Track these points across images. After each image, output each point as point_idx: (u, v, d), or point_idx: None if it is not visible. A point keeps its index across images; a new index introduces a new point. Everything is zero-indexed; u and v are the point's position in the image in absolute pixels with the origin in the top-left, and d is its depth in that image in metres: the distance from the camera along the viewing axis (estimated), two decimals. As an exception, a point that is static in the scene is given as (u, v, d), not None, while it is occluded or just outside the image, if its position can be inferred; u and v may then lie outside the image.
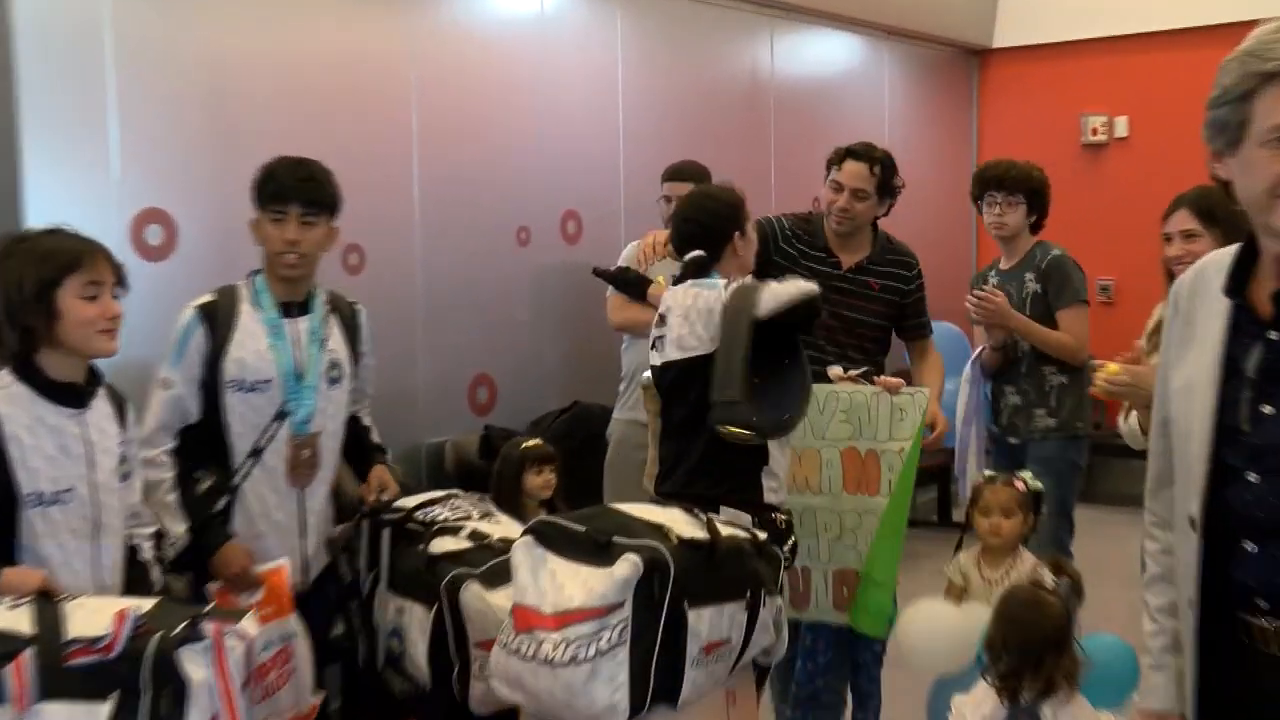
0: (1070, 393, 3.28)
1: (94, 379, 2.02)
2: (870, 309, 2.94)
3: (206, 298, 2.38)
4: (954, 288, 3.82)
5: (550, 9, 3.94)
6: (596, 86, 4.13)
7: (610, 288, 3.31)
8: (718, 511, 2.18)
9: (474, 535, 2.31)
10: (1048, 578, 2.18)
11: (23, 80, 2.64)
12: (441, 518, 2.40)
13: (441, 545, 2.30)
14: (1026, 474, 2.65)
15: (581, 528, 1.94)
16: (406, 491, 2.55)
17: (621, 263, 3.48)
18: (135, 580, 2.04)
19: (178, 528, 2.30)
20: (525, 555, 1.94)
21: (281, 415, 2.35)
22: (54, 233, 1.98)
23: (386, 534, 2.42)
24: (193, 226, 2.92)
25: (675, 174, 3.54)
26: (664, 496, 2.30)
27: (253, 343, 2.34)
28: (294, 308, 2.40)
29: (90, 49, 2.76)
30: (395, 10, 3.46)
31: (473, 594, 2.19)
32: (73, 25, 2.73)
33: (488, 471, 2.97)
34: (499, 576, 2.17)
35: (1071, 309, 3.28)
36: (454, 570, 2.22)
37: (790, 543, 2.34)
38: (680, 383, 2.32)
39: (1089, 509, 3.80)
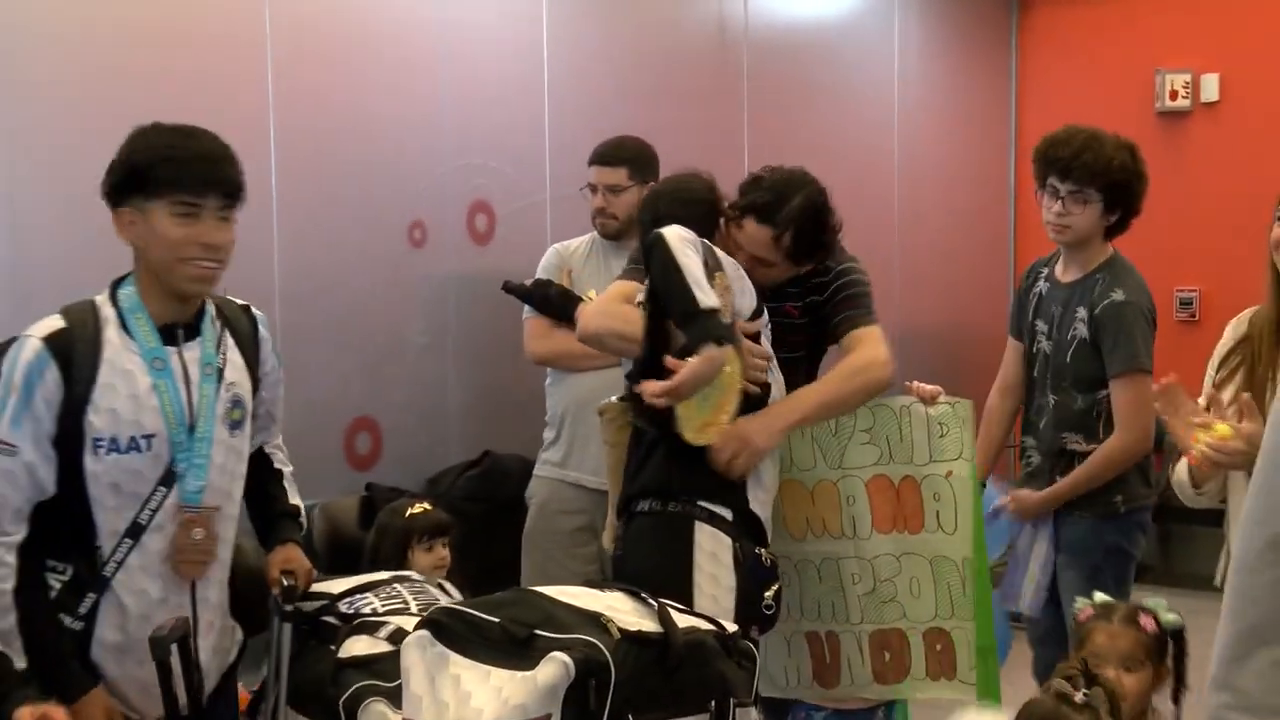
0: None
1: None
2: (794, 340, 2.97)
3: (53, 324, 2.31)
4: (987, 297, 3.96)
5: None
6: (515, 42, 4.22)
7: (526, 307, 3.38)
8: (696, 510, 2.49)
9: (395, 636, 2.37)
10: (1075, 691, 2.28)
11: None
12: (368, 610, 2.50)
13: (352, 648, 2.39)
14: (1157, 604, 2.56)
15: (494, 619, 2.04)
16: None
17: (541, 273, 3.60)
18: None
19: (17, 663, 2.23)
20: (419, 655, 2.02)
21: (168, 481, 2.34)
22: None
23: (288, 631, 2.49)
24: None
25: (604, 158, 3.67)
26: (628, 500, 2.57)
27: (126, 385, 2.32)
28: (179, 331, 2.37)
29: None
30: None
31: (374, 715, 2.27)
32: None
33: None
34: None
35: (1124, 379, 3.25)
36: (359, 683, 2.31)
37: (774, 589, 2.53)
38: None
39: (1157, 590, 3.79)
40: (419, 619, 2.34)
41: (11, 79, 3.09)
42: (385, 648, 2.40)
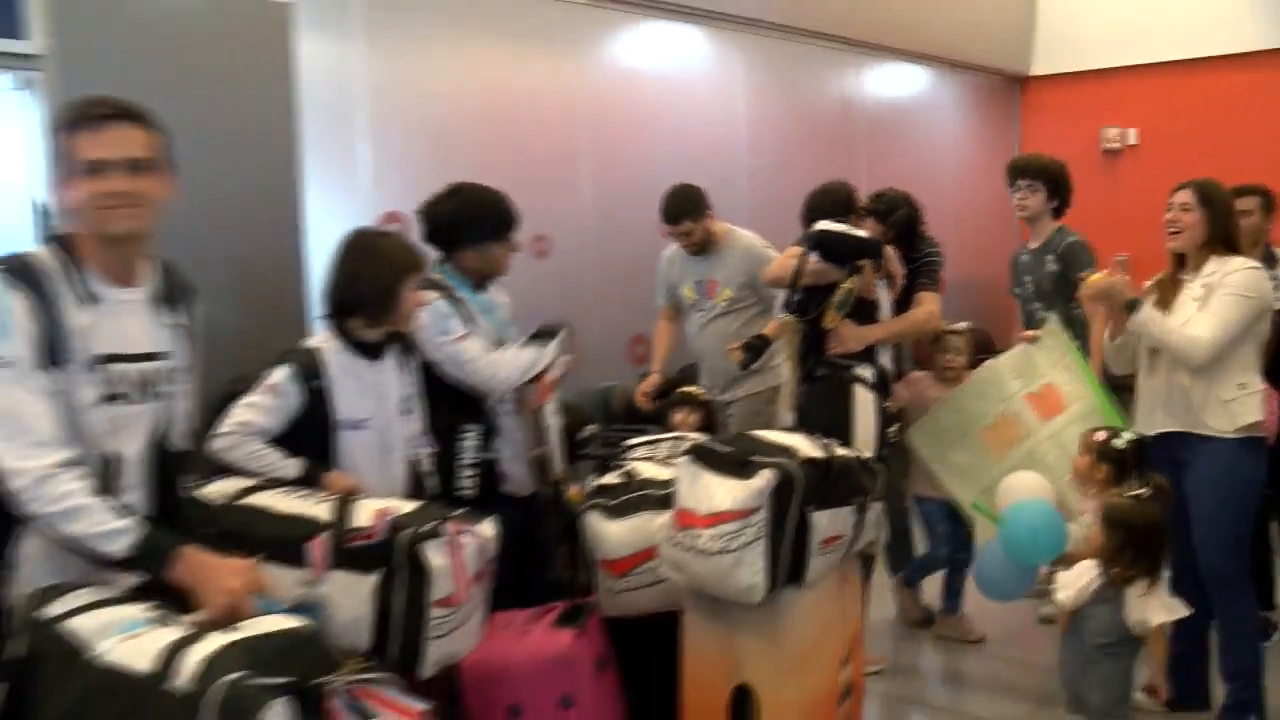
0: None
1: (390, 339, 3.39)
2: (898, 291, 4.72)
3: None
4: (999, 287, 5.91)
5: (684, 49, 6.52)
6: (722, 112, 6.64)
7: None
8: (851, 375, 4.32)
9: (626, 473, 3.66)
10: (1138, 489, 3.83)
11: (304, 118, 4.47)
12: (635, 455, 3.80)
13: (601, 478, 3.67)
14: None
15: (728, 449, 3.29)
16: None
17: (662, 267, 5.45)
18: (416, 487, 3.38)
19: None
20: (685, 470, 3.29)
21: None
22: (392, 237, 3.46)
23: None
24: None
25: (670, 217, 5.23)
26: (806, 372, 4.33)
27: None
28: None
29: (347, 94, 4.91)
30: (568, 57, 5.86)
31: (592, 521, 3.53)
32: (335, 76, 4.84)
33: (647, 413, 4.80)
34: (622, 510, 3.51)
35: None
36: (594, 501, 3.58)
37: (895, 427, 4.27)
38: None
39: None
40: (662, 466, 3.67)
41: (445, 148, 5.20)
42: (616, 480, 3.69)
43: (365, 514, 2.95)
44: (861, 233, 4.34)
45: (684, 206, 5.15)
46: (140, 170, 2.47)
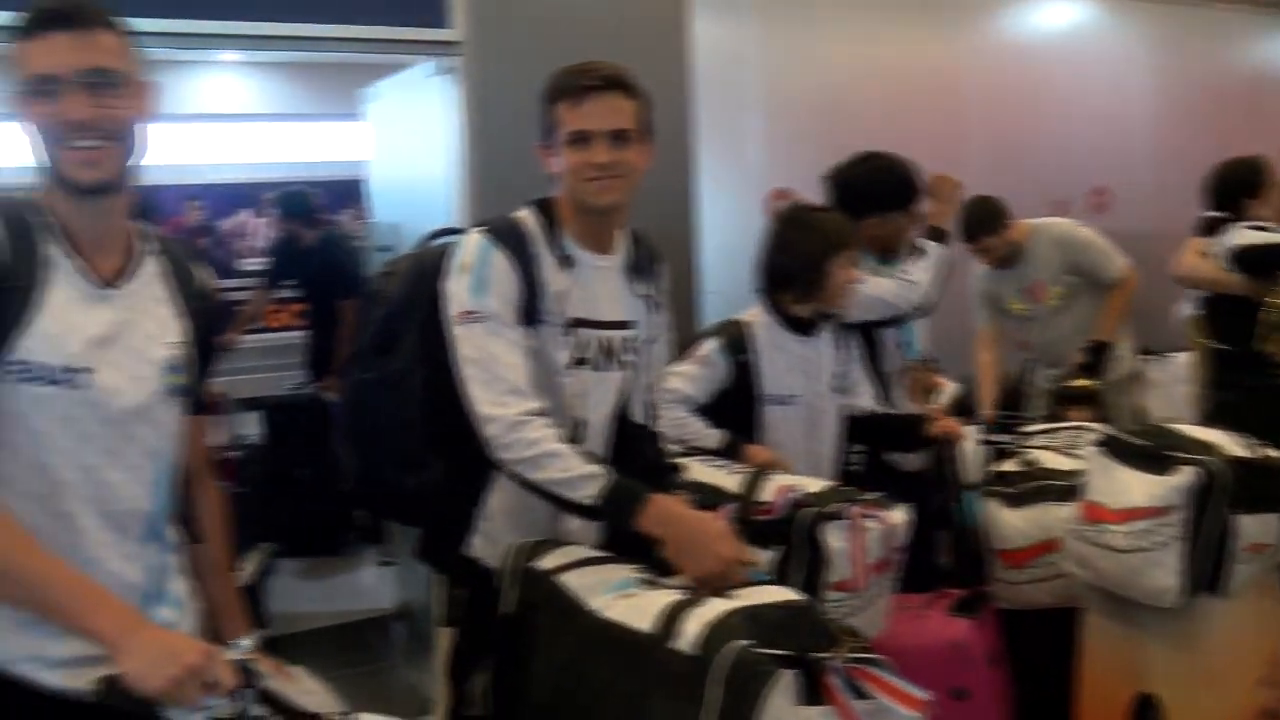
0: None
1: (822, 316, 3.38)
2: None
3: None
4: None
5: (1080, 22, 6.17)
6: (1121, 87, 6.18)
7: None
8: None
9: (1026, 461, 3.54)
10: None
11: (699, 98, 4.71)
12: (1033, 444, 3.66)
13: (998, 465, 3.57)
14: None
15: (1143, 441, 3.11)
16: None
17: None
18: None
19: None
20: (1096, 462, 3.14)
21: None
22: (825, 213, 3.40)
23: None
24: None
25: (971, 235, 4.87)
26: None
27: None
28: None
29: (739, 71, 4.92)
30: (959, 34, 5.76)
31: (991, 509, 3.43)
32: (728, 54, 4.87)
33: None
34: (1021, 499, 3.38)
35: None
36: (992, 488, 3.47)
37: None
38: None
39: None
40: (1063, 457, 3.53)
41: (831, 126, 5.08)
42: (1015, 468, 3.58)
43: (770, 489, 2.95)
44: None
45: (979, 222, 4.84)
46: (623, 141, 2.42)
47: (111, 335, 1.96)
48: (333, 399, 5.52)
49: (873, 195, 3.76)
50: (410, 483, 2.55)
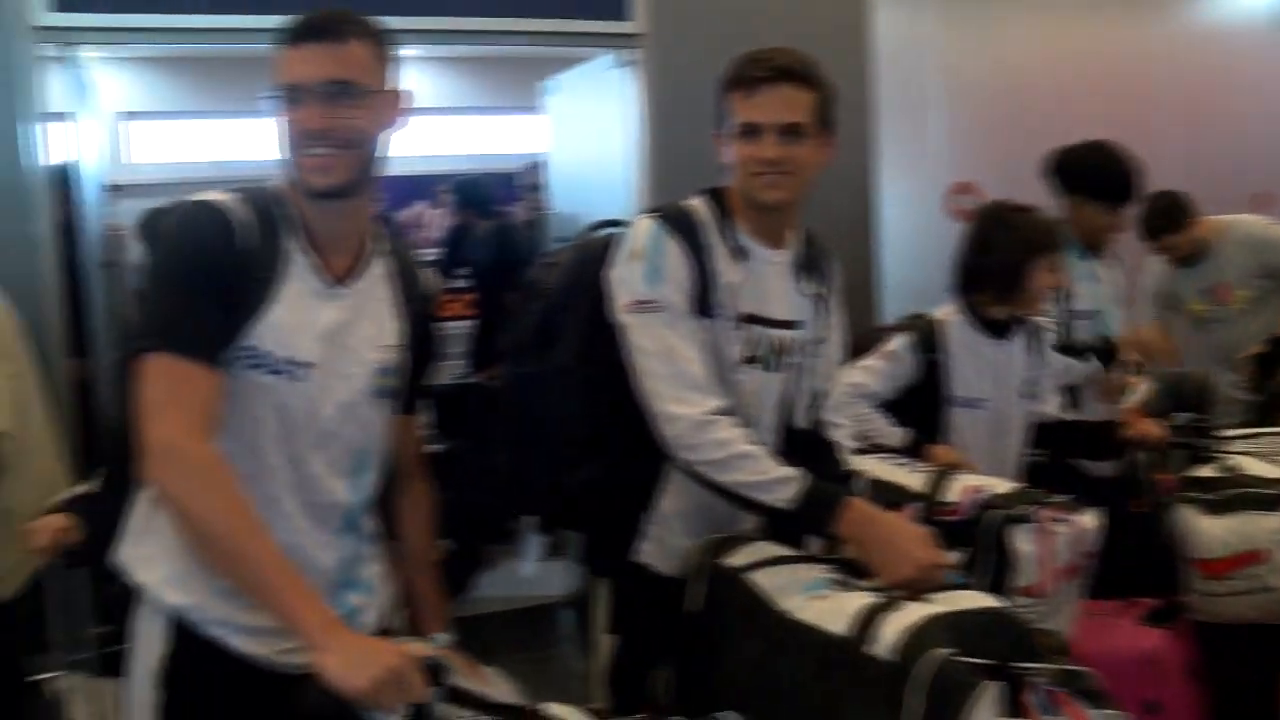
0: None
1: (1016, 320, 3.26)
2: None
3: None
4: None
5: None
6: None
7: None
8: None
9: (1226, 467, 3.37)
10: None
11: (879, 92, 4.66)
12: (1233, 449, 3.45)
13: (1195, 470, 3.39)
14: None
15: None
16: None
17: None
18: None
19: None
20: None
21: None
22: (1028, 213, 3.26)
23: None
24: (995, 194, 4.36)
25: (1153, 233, 4.55)
26: None
27: None
28: None
29: (920, 64, 4.91)
30: (1146, 23, 5.62)
31: (1187, 516, 3.24)
32: (908, 47, 4.87)
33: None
34: (1221, 507, 3.20)
35: None
36: (1189, 494, 3.29)
37: None
38: None
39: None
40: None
41: (1014, 118, 5.06)
42: (1214, 474, 3.34)
43: (956, 490, 2.86)
44: None
45: (1162, 219, 4.52)
46: (795, 136, 2.30)
47: (334, 333, 2.00)
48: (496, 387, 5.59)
49: (1089, 178, 3.71)
50: (568, 483, 2.45)
